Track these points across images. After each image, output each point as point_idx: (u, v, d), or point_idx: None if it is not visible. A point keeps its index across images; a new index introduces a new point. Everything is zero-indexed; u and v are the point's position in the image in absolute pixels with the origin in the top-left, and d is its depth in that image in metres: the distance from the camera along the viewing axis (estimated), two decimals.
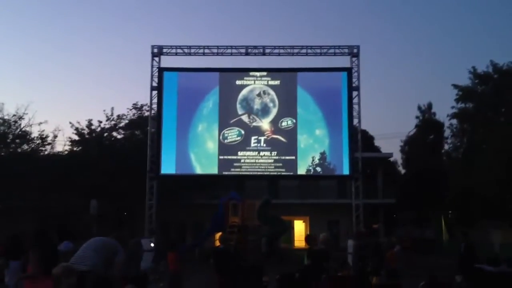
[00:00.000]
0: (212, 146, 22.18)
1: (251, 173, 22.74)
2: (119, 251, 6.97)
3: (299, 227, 34.99)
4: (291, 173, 22.58)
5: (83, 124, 29.83)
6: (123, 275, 7.17)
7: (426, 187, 32.64)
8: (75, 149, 30.51)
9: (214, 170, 22.22)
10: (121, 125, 31.39)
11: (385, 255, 13.14)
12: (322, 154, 22.25)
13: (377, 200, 34.26)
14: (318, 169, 22.39)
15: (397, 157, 45.34)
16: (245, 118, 22.28)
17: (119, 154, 28.14)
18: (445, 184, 31.22)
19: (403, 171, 42.31)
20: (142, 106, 30.50)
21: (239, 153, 22.03)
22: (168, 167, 22.08)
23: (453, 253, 14.03)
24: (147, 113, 27.52)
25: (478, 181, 24.43)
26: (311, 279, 9.11)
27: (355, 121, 22.64)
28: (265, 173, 22.87)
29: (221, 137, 22.10)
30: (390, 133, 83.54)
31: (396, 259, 13.02)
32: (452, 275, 10.66)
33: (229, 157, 22.03)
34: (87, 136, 29.82)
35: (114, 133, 31.43)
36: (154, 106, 22.87)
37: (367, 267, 12.23)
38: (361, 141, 23.06)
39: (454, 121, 29.71)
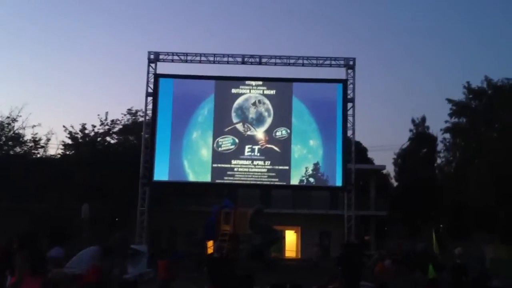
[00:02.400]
0: (205, 153, 22.19)
1: (244, 182, 22.76)
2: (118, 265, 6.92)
3: (291, 237, 34.97)
4: (284, 183, 22.62)
5: (77, 128, 29.79)
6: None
7: (418, 200, 32.71)
8: (68, 152, 30.43)
9: (207, 178, 22.22)
10: (115, 130, 31.40)
11: (374, 268, 13.14)
12: (316, 165, 22.30)
13: (369, 212, 34.32)
14: (311, 179, 22.43)
15: (390, 169, 45.47)
16: (239, 126, 22.32)
17: (112, 159, 28.05)
18: (437, 197, 31.32)
19: (395, 184, 42.40)
20: (136, 111, 30.46)
21: (232, 161, 22.05)
22: (161, 173, 22.05)
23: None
24: (141, 119, 27.48)
25: (470, 196, 24.54)
26: None
27: (349, 133, 22.74)
28: (258, 182, 22.89)
29: (215, 145, 22.12)
30: (384, 145, 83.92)
31: (386, 272, 13.00)
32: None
33: (223, 165, 22.05)
34: (80, 140, 29.75)
35: (108, 138, 31.42)
36: (149, 112, 22.88)
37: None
38: (354, 152, 23.13)
39: (447, 135, 29.88)
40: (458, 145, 29.30)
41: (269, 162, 22.05)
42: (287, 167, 22.06)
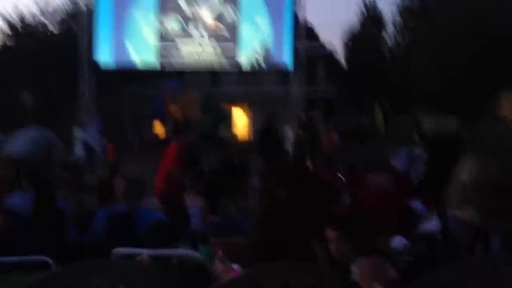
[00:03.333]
0: (150, 34, 21.28)
1: (191, 64, 22.27)
2: (55, 144, 6.69)
3: (240, 116, 35.32)
4: (232, 63, 22.27)
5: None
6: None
7: (366, 76, 33.27)
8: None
9: (153, 61, 21.55)
10: (50, 11, 30.23)
11: (322, 142, 13.57)
12: (264, 44, 21.91)
13: (318, 89, 34.80)
14: (260, 58, 22.16)
15: (339, 47, 45.54)
16: (184, 6, 21.30)
17: (51, 43, 26.97)
18: (384, 74, 31.90)
19: (344, 62, 42.71)
20: None
21: (178, 41, 21.29)
22: (104, 56, 21.11)
23: (389, 139, 14.56)
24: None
25: (416, 79, 25.08)
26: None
27: (298, 9, 22.17)
28: (206, 64, 22.48)
29: (159, 26, 21.17)
30: (333, 23, 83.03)
31: (333, 146, 13.47)
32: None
33: (168, 44, 21.27)
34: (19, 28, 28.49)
35: (48, 23, 30.28)
36: None
37: (305, 154, 12.65)
38: (303, 30, 22.77)
39: (397, 15, 29.74)
40: (409, 28, 29.27)
41: (216, 42, 21.45)
42: (234, 46, 21.57)
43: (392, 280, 1.97)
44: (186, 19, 21.22)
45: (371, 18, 38.68)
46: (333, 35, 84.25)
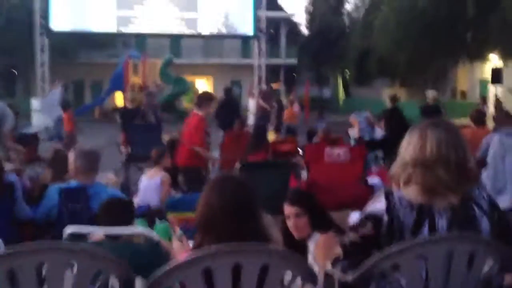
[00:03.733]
0: (109, 2, 20.59)
1: (151, 31, 21.78)
2: (7, 116, 6.42)
3: (202, 87, 34.98)
4: (193, 31, 21.90)
5: None
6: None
7: (327, 47, 33.28)
8: None
9: (111, 27, 20.93)
10: None
11: (283, 112, 13.57)
12: (225, 12, 21.56)
13: (280, 60, 34.70)
14: (221, 27, 21.85)
15: (301, 17, 45.35)
16: None
17: (6, 7, 25.87)
18: (344, 44, 31.97)
19: (306, 32, 42.56)
20: None
21: (136, 8, 20.68)
22: (59, 22, 20.29)
23: (349, 111, 14.64)
24: None
25: (375, 41, 25.20)
26: None
27: None
28: (166, 32, 22.04)
29: None
30: None
31: (294, 117, 13.51)
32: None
33: (126, 11, 20.64)
34: None
35: None
36: None
37: (266, 124, 12.64)
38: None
39: None
40: None
41: (177, 9, 20.96)
42: (195, 15, 21.14)
43: (335, 257, 1.96)
44: None
45: None
46: (295, 3, 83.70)
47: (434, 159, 1.85)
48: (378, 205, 1.90)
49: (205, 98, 6.50)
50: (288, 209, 3.04)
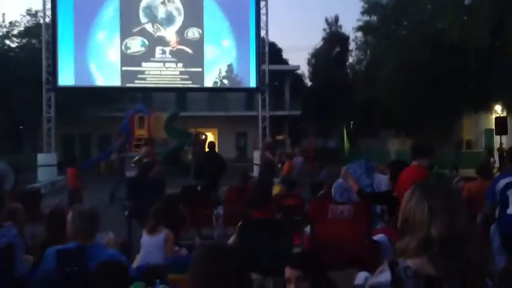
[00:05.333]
0: (114, 56, 20.99)
1: (156, 85, 22.09)
2: (8, 178, 6.42)
3: (208, 139, 35.15)
4: (198, 85, 22.19)
5: None
6: None
7: (330, 99, 33.60)
8: None
9: (116, 82, 21.25)
10: (14, 32, 29.75)
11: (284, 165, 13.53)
12: (229, 66, 21.92)
13: (284, 112, 35.00)
14: (225, 81, 22.16)
15: (305, 69, 46.01)
16: (148, 27, 21.14)
17: (13, 64, 26.43)
18: (348, 96, 32.25)
19: (309, 84, 43.11)
20: (37, 12, 28.53)
21: (143, 64, 21.08)
22: (66, 78, 20.61)
23: (354, 161, 14.54)
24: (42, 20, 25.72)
25: (377, 93, 25.43)
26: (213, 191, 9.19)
27: (263, 33, 22.36)
28: (171, 86, 22.34)
29: (123, 47, 20.90)
30: (298, 45, 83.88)
31: (291, 169, 13.42)
32: None
33: (133, 68, 21.02)
34: None
35: (7, 42, 29.72)
36: (48, 12, 21.01)
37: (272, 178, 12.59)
38: (268, 53, 22.90)
39: (359, 34, 30.17)
40: (369, 44, 29.75)
41: (182, 64, 21.34)
42: (200, 69, 21.50)
43: None
44: (151, 41, 21.05)
45: (336, 41, 39.25)
46: (298, 56, 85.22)
47: (463, 235, 1.75)
48: (382, 277, 1.79)
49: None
50: (289, 272, 2.93)
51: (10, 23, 29.14)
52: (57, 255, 3.69)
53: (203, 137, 21.81)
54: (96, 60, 20.88)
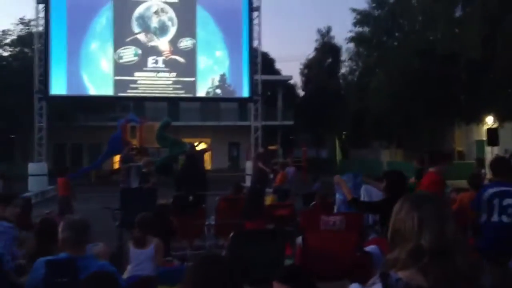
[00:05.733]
0: (106, 66, 20.99)
1: (149, 94, 22.08)
2: None
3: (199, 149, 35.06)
4: (191, 95, 22.20)
5: None
6: None
7: (323, 109, 33.71)
8: None
9: (109, 92, 21.21)
10: (6, 41, 29.77)
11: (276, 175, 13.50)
12: (222, 76, 21.95)
13: (276, 122, 35.03)
14: (218, 91, 22.16)
15: (297, 79, 46.19)
16: (141, 37, 21.17)
17: (5, 73, 26.38)
18: (340, 106, 32.38)
19: (302, 94, 43.25)
20: (30, 21, 28.54)
21: (135, 73, 21.08)
22: (58, 87, 20.58)
23: (346, 171, 14.60)
24: (35, 29, 25.68)
25: (369, 103, 25.57)
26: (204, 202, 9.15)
27: (256, 43, 22.46)
28: (164, 95, 22.33)
29: (116, 57, 20.92)
30: (291, 56, 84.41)
31: (284, 179, 13.39)
32: None
33: (125, 77, 21.02)
34: None
35: (0, 50, 29.76)
36: (41, 21, 20.99)
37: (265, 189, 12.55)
38: (261, 63, 22.99)
39: (351, 45, 30.38)
40: (361, 55, 29.97)
41: (175, 73, 21.37)
42: (193, 79, 21.52)
43: None
44: (144, 50, 21.06)
45: (328, 52, 39.47)
46: (291, 67, 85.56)
47: (452, 245, 1.74)
48: None
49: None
50: (278, 287, 2.88)
51: (3, 31, 29.31)
52: (46, 266, 3.65)
53: (203, 148, 21.63)
54: (89, 69, 20.87)
